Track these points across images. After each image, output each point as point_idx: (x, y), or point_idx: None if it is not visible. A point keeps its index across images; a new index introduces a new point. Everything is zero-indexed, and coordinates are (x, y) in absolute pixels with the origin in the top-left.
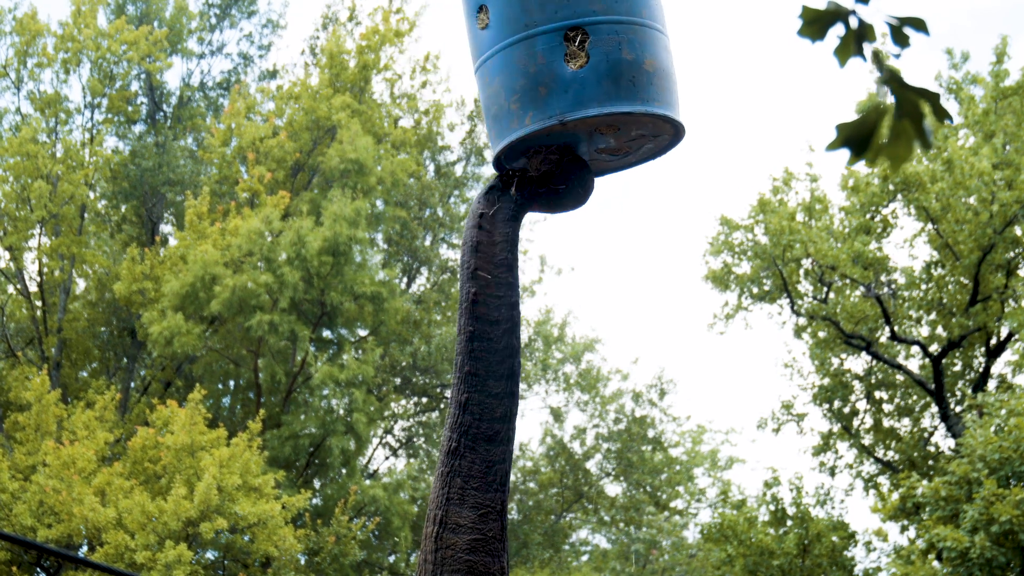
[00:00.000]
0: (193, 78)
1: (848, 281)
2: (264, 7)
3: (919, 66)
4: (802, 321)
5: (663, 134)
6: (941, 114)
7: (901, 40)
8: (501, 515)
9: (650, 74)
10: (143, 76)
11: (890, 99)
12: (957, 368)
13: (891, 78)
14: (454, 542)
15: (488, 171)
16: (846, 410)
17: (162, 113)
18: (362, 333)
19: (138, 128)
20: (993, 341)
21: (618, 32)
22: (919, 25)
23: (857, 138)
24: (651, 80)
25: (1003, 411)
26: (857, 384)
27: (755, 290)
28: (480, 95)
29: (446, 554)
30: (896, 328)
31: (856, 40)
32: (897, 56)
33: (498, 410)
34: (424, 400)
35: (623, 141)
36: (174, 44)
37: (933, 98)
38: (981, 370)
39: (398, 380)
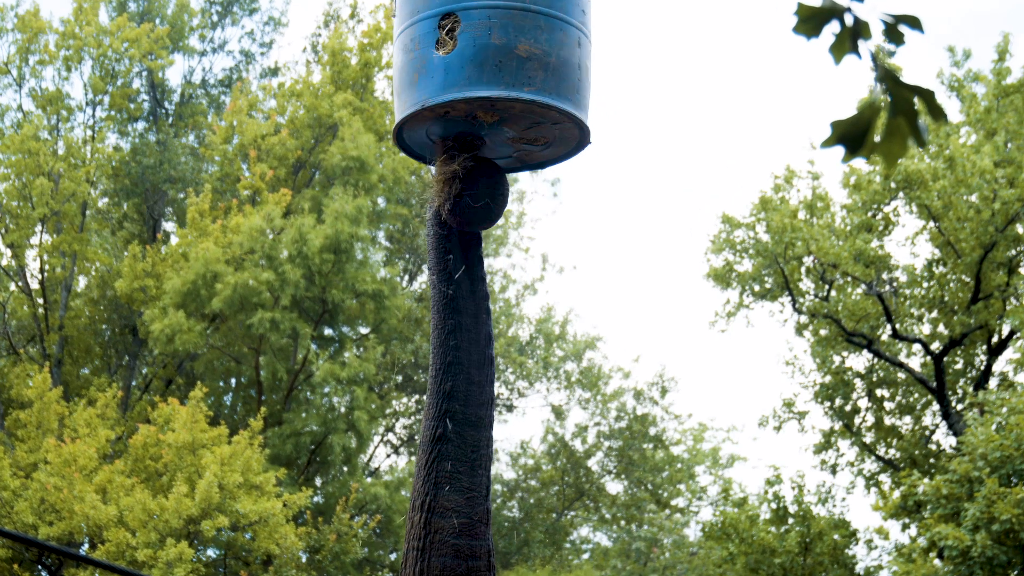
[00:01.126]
0: (195, 75)
1: (850, 279)
2: (266, 4)
3: (920, 64)
4: (803, 319)
5: (562, 123)
6: (936, 112)
7: (896, 37)
8: (486, 498)
9: (523, 59)
10: (144, 73)
11: (885, 95)
12: (958, 366)
13: (886, 75)
14: (441, 526)
15: None
16: (847, 408)
17: (163, 110)
18: (363, 331)
19: (140, 125)
20: (995, 339)
21: (491, 17)
22: (914, 23)
23: (852, 135)
24: (522, 65)
25: (1004, 409)
26: (858, 382)
27: (756, 288)
28: None
29: (434, 539)
30: (897, 326)
31: (851, 37)
32: (892, 53)
33: (480, 396)
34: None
35: (524, 131)
36: (176, 41)
37: (928, 95)
38: (982, 368)
39: (399, 378)
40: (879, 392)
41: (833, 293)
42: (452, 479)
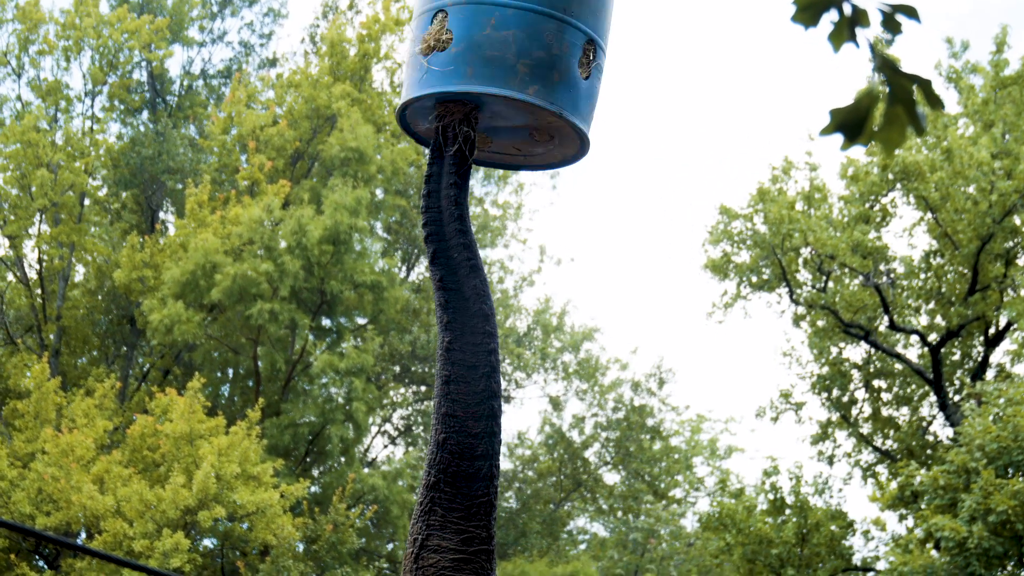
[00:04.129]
0: (194, 66)
1: (847, 270)
2: None
3: (918, 55)
4: (801, 310)
5: (562, 127)
6: (934, 101)
7: (893, 27)
8: (487, 542)
9: (529, 63)
10: (144, 64)
11: (884, 84)
12: (956, 357)
13: (884, 64)
14: (436, 561)
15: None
16: (845, 399)
17: (162, 101)
18: (361, 322)
19: (144, 115)
20: (992, 330)
21: (503, 16)
22: (910, 12)
23: (851, 123)
24: (534, 71)
25: (1001, 400)
26: (856, 373)
27: (754, 279)
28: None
29: (427, 572)
30: (895, 317)
31: (849, 26)
32: (890, 42)
33: (478, 449)
34: (423, 388)
35: (525, 140)
36: (176, 32)
37: (926, 84)
38: (980, 359)
39: (397, 368)
40: (876, 383)
41: (830, 284)
42: (445, 524)
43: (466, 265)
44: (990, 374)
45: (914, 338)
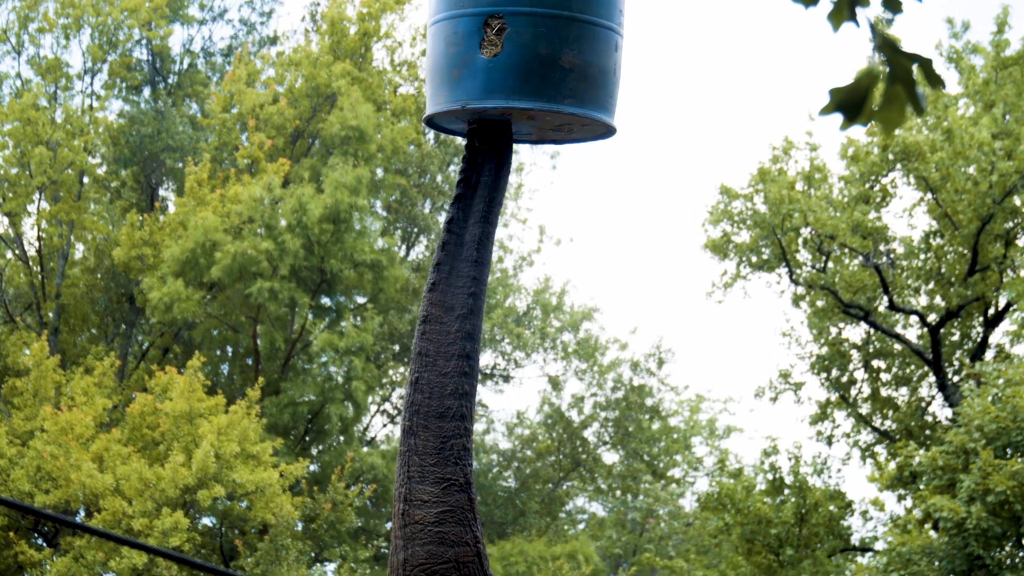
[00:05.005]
0: (195, 44)
1: (847, 250)
2: None
3: (919, 35)
4: (800, 290)
5: (592, 123)
6: (934, 80)
7: (894, 6)
8: (466, 487)
9: (566, 71)
10: (144, 42)
11: (884, 63)
12: (955, 338)
13: (884, 43)
14: (421, 516)
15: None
16: (844, 379)
17: (163, 80)
18: (361, 301)
19: (146, 92)
20: (991, 311)
21: (536, 25)
22: None
23: (850, 102)
24: (565, 77)
25: (1001, 381)
26: (855, 353)
27: (754, 259)
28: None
29: (415, 528)
30: (894, 298)
31: (849, 5)
32: (890, 22)
33: (448, 387)
34: None
35: (555, 126)
36: (176, 10)
37: (926, 63)
38: (979, 340)
39: (397, 348)
40: (875, 363)
41: (830, 264)
42: (423, 472)
43: (480, 214)
44: (989, 355)
45: (913, 318)
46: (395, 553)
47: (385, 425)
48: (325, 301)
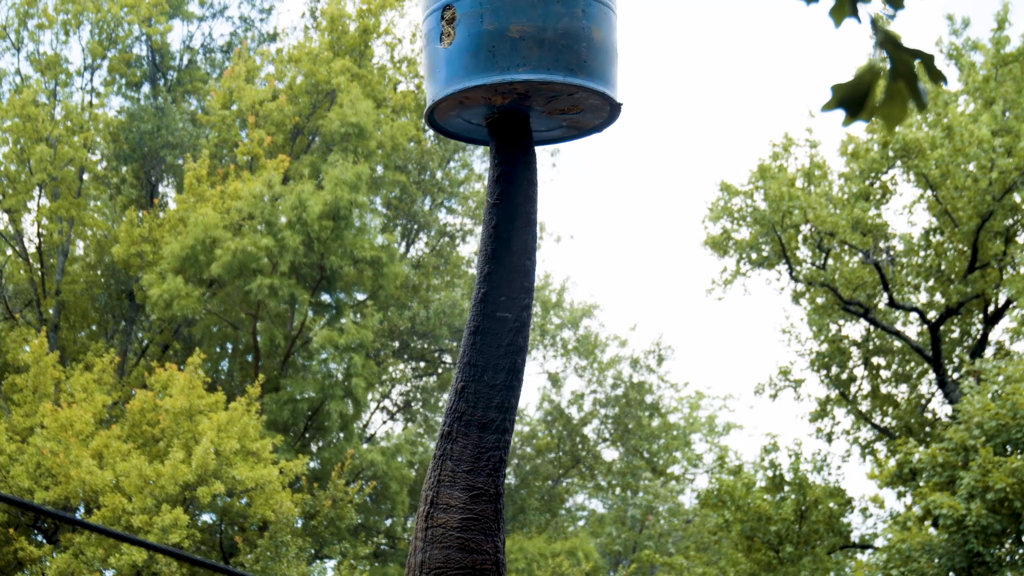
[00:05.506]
0: (194, 41)
1: (847, 247)
2: None
3: (919, 32)
4: (800, 287)
5: (577, 93)
6: (936, 75)
7: (894, 2)
8: (495, 499)
9: (516, 40)
10: (144, 39)
11: (885, 60)
12: (955, 335)
13: (886, 39)
14: (445, 520)
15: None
16: (843, 376)
17: (162, 75)
18: (361, 297)
19: (145, 88)
20: (991, 308)
21: (482, 3)
22: None
23: (852, 99)
24: (515, 46)
25: (1000, 378)
26: (855, 350)
27: (754, 256)
28: None
29: (436, 532)
30: (894, 295)
31: (851, 1)
32: (892, 18)
33: (494, 399)
34: (422, 365)
35: (547, 104)
36: (176, 7)
37: (928, 59)
38: (979, 337)
39: (396, 344)
40: (875, 360)
41: (830, 261)
42: (455, 478)
43: (525, 217)
44: (989, 352)
45: (913, 315)
46: (413, 554)
47: (385, 422)
48: (325, 298)
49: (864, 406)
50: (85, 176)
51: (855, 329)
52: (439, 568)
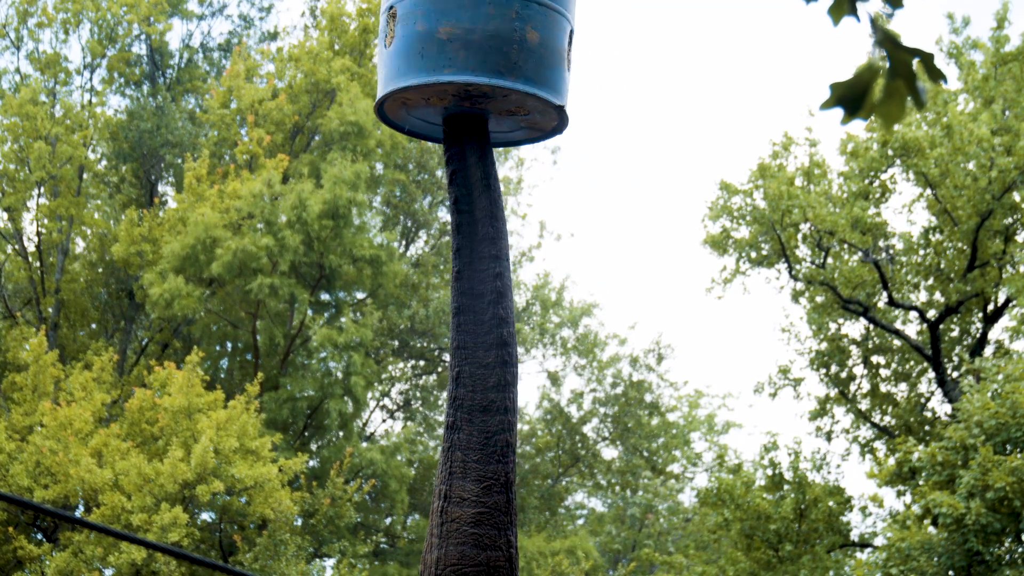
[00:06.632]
0: (194, 39)
1: (846, 246)
2: None
3: (919, 31)
4: (800, 286)
5: (511, 95)
6: (935, 74)
7: (894, 1)
8: (507, 488)
9: (443, 42)
10: (143, 37)
11: (884, 58)
12: (954, 333)
13: (885, 38)
14: (459, 515)
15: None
16: (843, 375)
17: (161, 74)
18: (360, 296)
19: (144, 88)
20: (991, 307)
21: (417, 5)
22: None
23: (851, 97)
24: (443, 48)
25: (1000, 377)
26: (854, 349)
27: (753, 255)
28: None
29: (451, 527)
30: (894, 293)
31: (850, 0)
32: (891, 16)
33: (491, 379)
34: (422, 363)
35: (498, 105)
36: (175, 5)
37: (927, 58)
38: (978, 335)
39: (396, 343)
40: (875, 359)
41: (830, 260)
42: (466, 468)
43: (480, 183)
44: (989, 350)
45: (913, 314)
46: (428, 551)
47: (384, 421)
48: (324, 297)
49: (864, 405)
50: (85, 175)
51: (855, 328)
52: (454, 565)
